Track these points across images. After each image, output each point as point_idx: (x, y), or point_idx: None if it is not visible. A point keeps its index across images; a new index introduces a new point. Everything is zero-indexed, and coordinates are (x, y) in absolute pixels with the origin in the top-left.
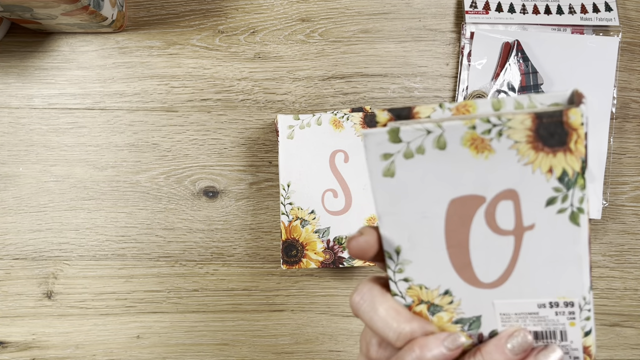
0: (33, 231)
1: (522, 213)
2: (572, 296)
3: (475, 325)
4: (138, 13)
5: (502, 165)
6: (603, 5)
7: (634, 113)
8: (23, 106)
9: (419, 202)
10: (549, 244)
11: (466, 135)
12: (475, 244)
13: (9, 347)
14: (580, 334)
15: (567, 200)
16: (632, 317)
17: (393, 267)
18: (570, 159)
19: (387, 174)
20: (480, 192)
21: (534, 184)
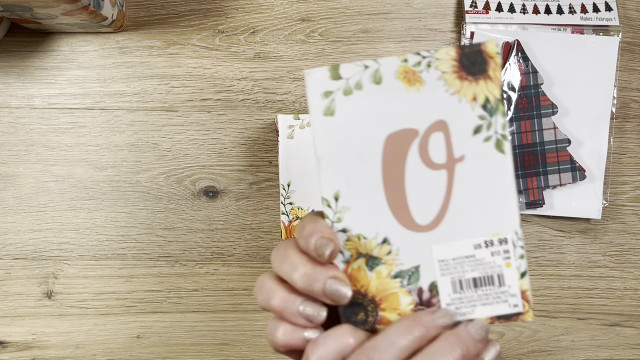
0: (33, 231)
1: (453, 144)
2: (505, 231)
3: (415, 277)
4: (138, 13)
5: (432, 96)
6: (603, 5)
7: (634, 113)
8: (23, 106)
9: (357, 140)
10: (478, 176)
11: (399, 69)
12: (410, 182)
13: (9, 347)
14: (516, 276)
15: (492, 128)
16: (632, 317)
17: (332, 217)
18: (491, 85)
19: (327, 112)
20: (413, 125)
21: (461, 114)
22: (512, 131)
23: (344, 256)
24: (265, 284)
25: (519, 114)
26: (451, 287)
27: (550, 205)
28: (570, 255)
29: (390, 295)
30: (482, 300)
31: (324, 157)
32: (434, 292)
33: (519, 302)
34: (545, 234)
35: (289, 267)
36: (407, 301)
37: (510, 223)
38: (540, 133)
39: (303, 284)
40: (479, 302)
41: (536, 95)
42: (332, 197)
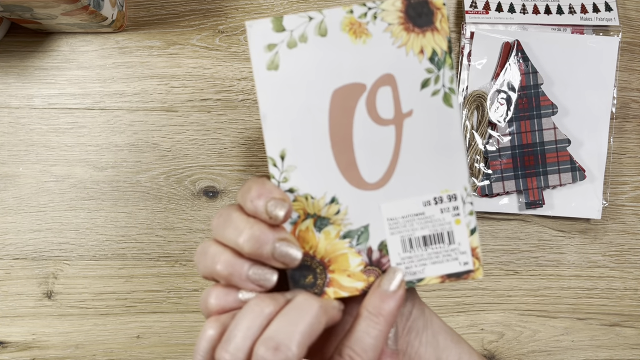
0: (33, 231)
1: (400, 99)
2: (454, 187)
3: (364, 237)
4: (138, 13)
5: (379, 49)
6: (603, 5)
7: (634, 113)
8: (23, 106)
9: (303, 95)
10: (426, 131)
11: (345, 20)
12: (358, 139)
13: (9, 347)
14: (466, 233)
15: (439, 81)
16: (632, 317)
17: (278, 176)
18: (438, 38)
19: (271, 66)
20: (360, 80)
21: (409, 67)
22: (512, 131)
23: (291, 218)
24: (208, 249)
25: (519, 114)
26: (401, 246)
27: (550, 205)
28: (570, 255)
29: (339, 256)
30: (432, 259)
31: (268, 114)
32: (383, 252)
33: (469, 259)
34: (545, 234)
35: (234, 232)
36: (357, 262)
37: (459, 179)
38: (540, 133)
39: (250, 248)
40: (429, 260)
41: (536, 95)
42: (277, 155)
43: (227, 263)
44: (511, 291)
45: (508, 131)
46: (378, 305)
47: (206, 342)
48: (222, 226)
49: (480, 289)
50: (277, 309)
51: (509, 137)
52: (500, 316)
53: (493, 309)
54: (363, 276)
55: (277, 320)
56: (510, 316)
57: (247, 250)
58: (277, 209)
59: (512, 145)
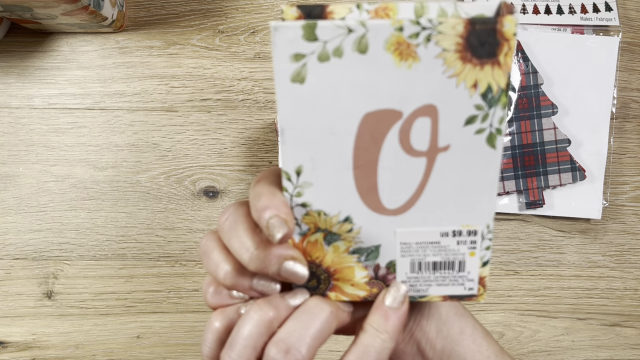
0: (33, 231)
1: (439, 132)
2: (477, 224)
3: (373, 255)
4: (138, 13)
5: (426, 77)
6: (603, 5)
7: (634, 113)
8: (23, 106)
9: (329, 115)
10: (460, 168)
11: (391, 38)
12: (384, 166)
13: (9, 347)
14: (478, 264)
15: (487, 120)
16: (632, 317)
17: (291, 190)
18: (498, 73)
19: (296, 79)
20: (397, 107)
21: (456, 100)
22: (512, 131)
23: (300, 229)
24: (211, 254)
25: (519, 114)
26: (409, 267)
27: (550, 205)
28: (570, 255)
29: (345, 268)
30: (438, 282)
31: (287, 129)
32: (390, 270)
33: (475, 286)
34: (545, 234)
35: (239, 246)
36: (362, 274)
37: (485, 217)
38: (540, 133)
39: (255, 267)
40: (434, 282)
41: (536, 96)
42: (293, 171)
43: (231, 275)
44: (511, 291)
45: (508, 131)
46: (383, 322)
47: (212, 335)
48: (228, 232)
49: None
50: (277, 314)
51: (509, 137)
52: (500, 316)
53: (493, 309)
54: (366, 287)
55: (289, 323)
56: (510, 316)
57: (251, 268)
58: (276, 230)
59: (512, 145)
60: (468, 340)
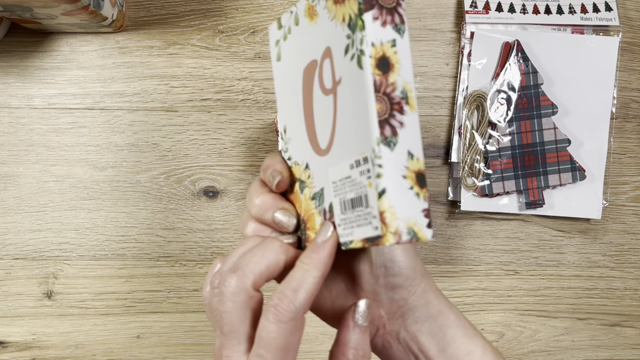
0: (33, 231)
1: (334, 68)
2: (366, 150)
3: (321, 199)
4: (138, 13)
5: (322, 26)
6: (603, 5)
7: (634, 113)
8: (23, 106)
9: (290, 78)
10: (350, 96)
11: (306, 7)
12: (316, 110)
13: (9, 347)
14: (375, 196)
15: (354, 45)
16: (632, 317)
17: (283, 146)
18: (351, 2)
19: (278, 58)
20: (314, 56)
21: (338, 37)
22: (512, 131)
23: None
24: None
25: (519, 114)
26: (339, 208)
27: (550, 205)
28: (570, 255)
29: (311, 215)
30: (358, 222)
31: (278, 97)
32: (331, 213)
33: (378, 224)
34: (545, 234)
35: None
36: (319, 221)
37: (368, 140)
38: (540, 133)
39: (255, 214)
40: (355, 223)
41: (536, 95)
42: (283, 130)
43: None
44: (511, 291)
45: (508, 131)
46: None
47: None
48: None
49: (480, 289)
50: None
51: (509, 137)
52: (500, 316)
53: (493, 309)
54: None
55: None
56: (510, 316)
57: (253, 214)
58: (272, 179)
59: (512, 145)
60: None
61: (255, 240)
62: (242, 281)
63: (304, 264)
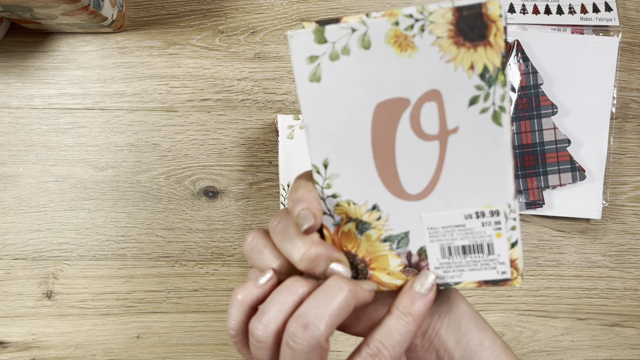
0: (33, 231)
1: (446, 115)
2: (497, 204)
3: (404, 242)
4: (138, 13)
5: (425, 64)
6: (603, 5)
7: (634, 113)
8: (23, 106)
9: (345, 108)
10: (472, 148)
11: (390, 32)
12: (401, 152)
13: (9, 347)
14: (506, 246)
15: (489, 99)
16: (632, 317)
17: (321, 183)
18: (491, 53)
19: (313, 78)
20: (404, 94)
21: (457, 83)
22: (512, 131)
23: (334, 220)
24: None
25: (519, 114)
26: (440, 253)
27: (550, 205)
28: (570, 255)
29: (380, 256)
30: (470, 266)
31: (311, 125)
32: (422, 256)
33: (508, 269)
34: (545, 234)
35: (291, 247)
36: (396, 263)
37: (504, 196)
38: (540, 133)
39: (305, 267)
40: (467, 267)
41: (536, 96)
42: (321, 164)
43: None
44: (511, 291)
45: None
46: (409, 305)
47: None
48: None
49: (480, 289)
50: (310, 290)
51: None
52: (500, 316)
53: (493, 309)
54: (402, 275)
55: (309, 300)
56: (510, 316)
57: (301, 267)
58: (304, 221)
59: (512, 145)
60: (487, 353)
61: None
62: (316, 337)
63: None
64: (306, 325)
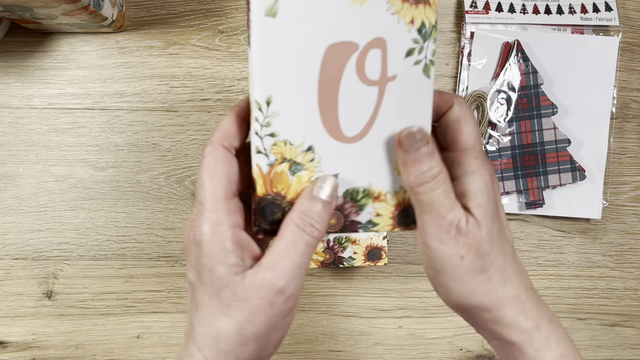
0: (33, 231)
1: (387, 63)
2: None
3: None
4: (138, 13)
5: (374, 12)
6: (603, 5)
7: (634, 113)
8: (23, 106)
9: (298, 47)
10: (404, 96)
11: None
12: (344, 94)
13: (9, 347)
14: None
15: (423, 52)
16: (632, 317)
17: (261, 120)
18: (429, 11)
19: (269, 13)
20: (354, 39)
21: (399, 34)
22: (512, 131)
23: (268, 159)
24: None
25: (519, 114)
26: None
27: (550, 205)
28: (570, 255)
29: None
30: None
31: (259, 59)
32: (347, 199)
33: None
34: (545, 234)
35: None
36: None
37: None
38: (540, 133)
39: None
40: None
41: (536, 95)
42: (264, 100)
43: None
44: None
45: (508, 131)
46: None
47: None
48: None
49: None
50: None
51: (509, 137)
52: None
53: None
54: None
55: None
56: None
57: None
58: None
59: (512, 145)
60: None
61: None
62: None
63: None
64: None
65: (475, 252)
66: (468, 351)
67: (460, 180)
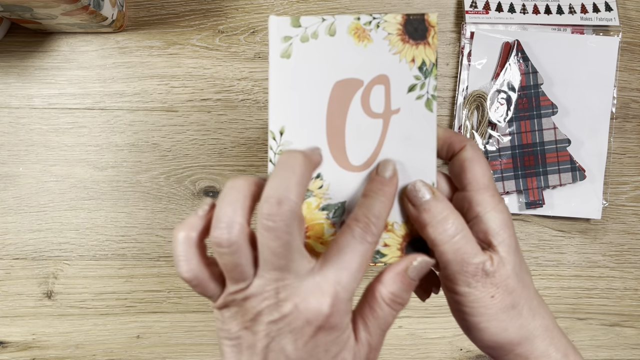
0: (33, 231)
1: (391, 98)
2: (425, 179)
3: (339, 212)
4: (138, 13)
5: (378, 53)
6: (603, 5)
7: (634, 113)
8: (23, 106)
9: (308, 83)
10: (408, 128)
11: (352, 25)
12: (350, 126)
13: (9, 347)
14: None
15: (424, 88)
16: (632, 317)
17: (275, 148)
18: (428, 51)
19: (284, 55)
20: (359, 76)
21: (401, 72)
22: (512, 131)
23: None
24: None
25: (519, 114)
26: None
27: (550, 205)
28: (570, 255)
29: (316, 224)
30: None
31: (275, 95)
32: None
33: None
34: (545, 234)
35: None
36: (330, 232)
37: (429, 173)
38: (540, 133)
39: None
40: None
41: (536, 95)
42: (277, 131)
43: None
44: None
45: (508, 131)
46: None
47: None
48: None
49: None
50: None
51: (509, 137)
52: None
53: None
54: None
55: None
56: None
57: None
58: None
59: (512, 145)
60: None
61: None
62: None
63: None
64: (280, 201)
65: (504, 290)
66: (468, 351)
67: (482, 219)
